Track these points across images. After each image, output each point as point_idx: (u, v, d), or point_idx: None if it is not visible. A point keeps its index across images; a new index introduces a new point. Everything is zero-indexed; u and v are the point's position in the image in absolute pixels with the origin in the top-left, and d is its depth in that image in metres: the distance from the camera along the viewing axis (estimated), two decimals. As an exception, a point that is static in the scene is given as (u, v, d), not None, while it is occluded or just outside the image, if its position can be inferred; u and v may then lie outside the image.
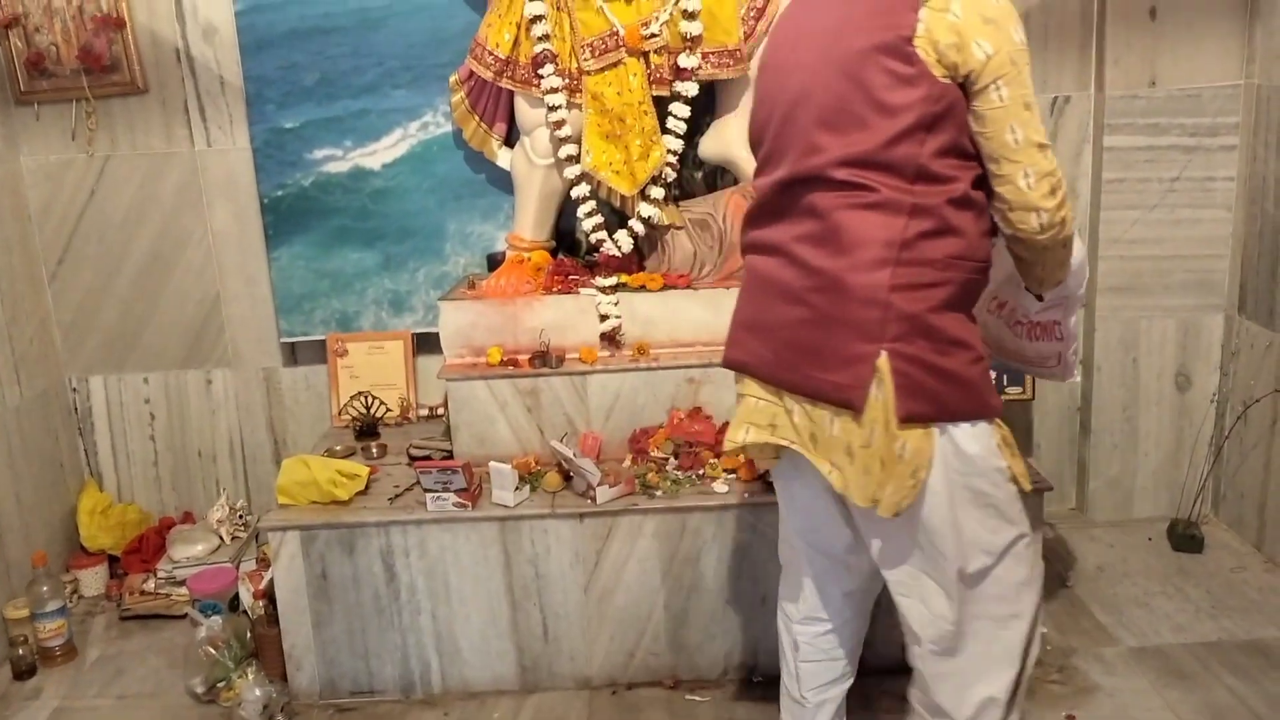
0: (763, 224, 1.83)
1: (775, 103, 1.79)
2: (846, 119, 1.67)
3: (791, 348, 1.76)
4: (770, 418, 1.84)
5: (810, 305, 1.72)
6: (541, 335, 2.76)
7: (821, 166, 1.69)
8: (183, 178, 3.10)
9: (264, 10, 2.93)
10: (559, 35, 2.72)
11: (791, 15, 1.85)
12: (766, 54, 1.88)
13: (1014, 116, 1.64)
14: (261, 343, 3.21)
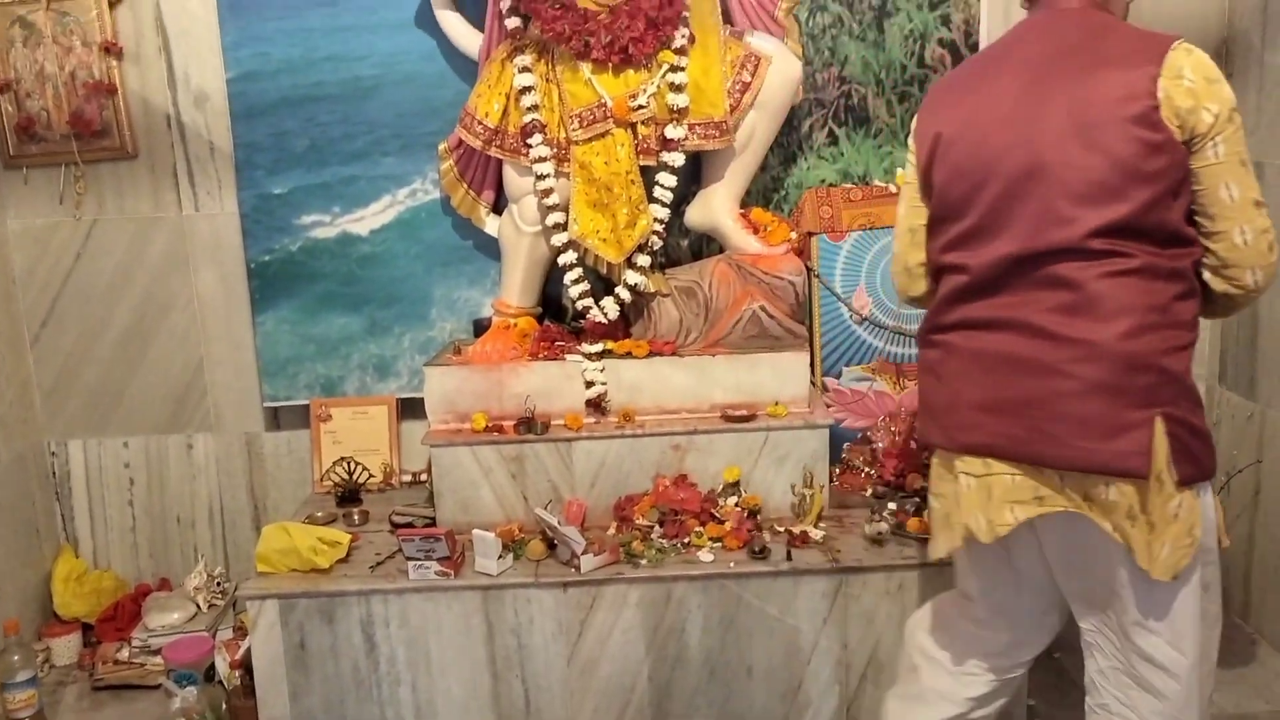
0: (980, 299, 1.83)
1: (985, 178, 1.81)
2: (1100, 190, 1.70)
3: (1054, 421, 1.74)
4: (1033, 491, 1.81)
5: (1073, 376, 1.72)
6: (527, 401, 2.76)
7: (1074, 238, 1.71)
8: (169, 242, 3.10)
9: (256, 78, 2.97)
10: (548, 106, 2.76)
11: (982, 91, 1.86)
12: (951, 131, 1.88)
13: (1230, 173, 1.69)
14: (244, 407, 3.19)
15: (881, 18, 2.95)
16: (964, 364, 1.86)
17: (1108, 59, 1.74)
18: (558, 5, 2.64)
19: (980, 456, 1.85)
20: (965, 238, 1.85)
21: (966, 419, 1.85)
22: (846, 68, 2.98)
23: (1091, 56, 1.76)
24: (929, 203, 1.97)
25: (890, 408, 2.99)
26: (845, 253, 2.97)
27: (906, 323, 2.97)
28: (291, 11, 2.94)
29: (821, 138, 3.03)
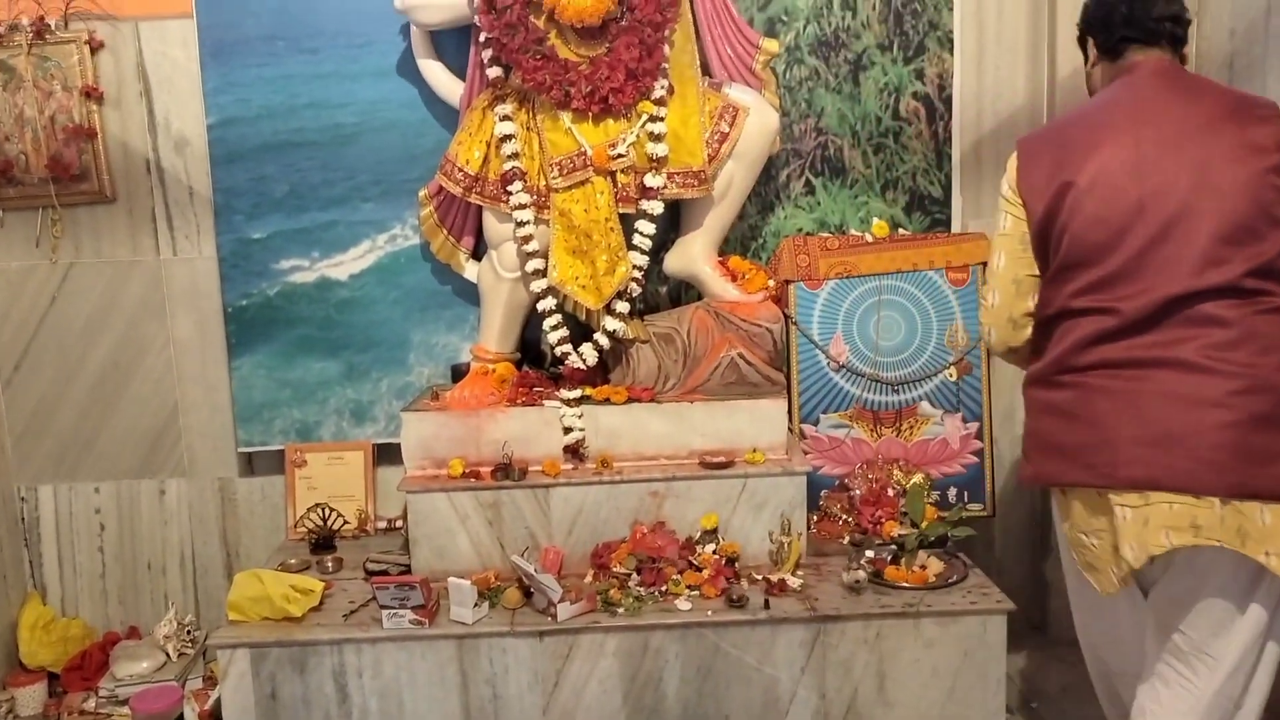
0: (1124, 339, 1.91)
1: (1128, 224, 1.91)
2: (1246, 234, 1.85)
3: (1225, 451, 1.83)
4: (1190, 519, 1.86)
5: (1234, 408, 1.83)
6: (505, 447, 2.75)
7: (1232, 278, 1.85)
8: (146, 286, 3.09)
9: (237, 124, 2.98)
10: (528, 154, 2.78)
11: (1108, 145, 1.96)
12: (1085, 182, 1.96)
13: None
14: (218, 452, 3.17)
15: (857, 71, 3.00)
16: (1116, 403, 1.92)
17: (1230, 114, 1.93)
18: (539, 55, 2.67)
19: (1141, 490, 1.90)
20: (1107, 282, 1.93)
21: (1126, 454, 1.90)
22: (823, 119, 3.03)
23: (1211, 111, 1.94)
24: (1048, 252, 2.03)
25: (868, 455, 3.00)
26: (822, 300, 2.99)
27: (883, 370, 2.99)
28: (273, 59, 2.96)
29: (799, 187, 3.07)
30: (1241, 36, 2.71)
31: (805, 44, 2.99)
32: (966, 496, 2.99)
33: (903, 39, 2.98)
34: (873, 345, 3.00)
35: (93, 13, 2.95)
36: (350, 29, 2.96)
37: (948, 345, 2.99)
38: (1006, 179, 2.11)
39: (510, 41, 2.67)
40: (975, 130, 3.04)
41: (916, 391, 3.00)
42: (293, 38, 2.97)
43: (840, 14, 2.98)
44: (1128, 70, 2.08)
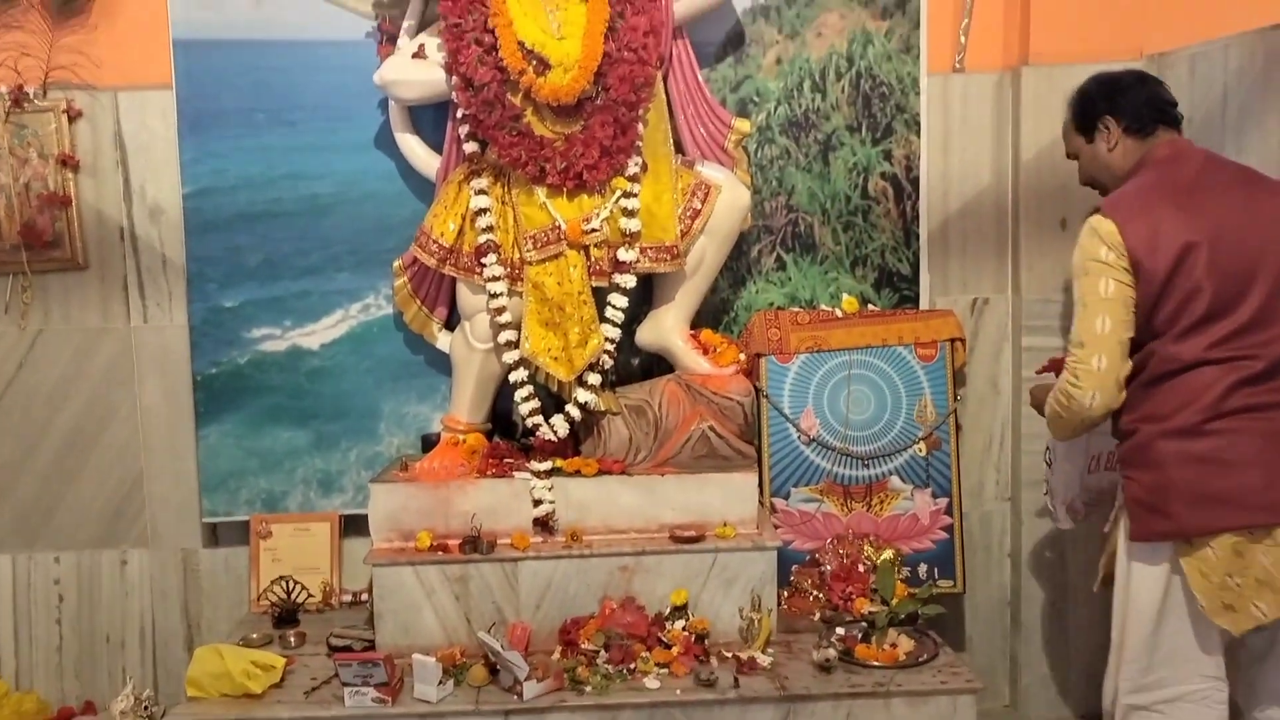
0: (1266, 383, 2.10)
1: (1252, 277, 2.11)
2: None
3: None
4: None
5: None
6: (473, 520, 2.73)
7: None
8: (115, 353, 3.07)
9: (212, 194, 2.99)
10: (502, 227, 2.81)
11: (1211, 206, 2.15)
12: (1206, 240, 2.11)
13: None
14: (182, 523, 3.12)
15: (827, 151, 3.06)
16: (1272, 444, 2.08)
17: (1264, 180, 2.25)
18: (515, 132, 2.71)
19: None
20: (1243, 331, 2.10)
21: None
22: (794, 197, 3.08)
23: (1253, 177, 2.25)
24: (1159, 311, 2.14)
25: (839, 530, 3.00)
26: (793, 374, 3.01)
27: (853, 444, 3.00)
28: (252, 130, 2.99)
29: (770, 263, 3.11)
30: (1200, 123, 2.79)
31: (776, 124, 3.05)
32: (937, 572, 2.99)
33: (871, 121, 3.05)
34: (843, 419, 3.01)
35: (72, 82, 2.98)
36: (330, 103, 2.99)
37: (917, 420, 3.01)
38: (1104, 244, 2.16)
39: (487, 118, 2.71)
40: (942, 210, 3.10)
41: (886, 466, 3.01)
42: (272, 110, 3.00)
43: (810, 96, 3.05)
44: (1166, 146, 2.27)
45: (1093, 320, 2.16)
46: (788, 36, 3.03)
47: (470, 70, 2.67)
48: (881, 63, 3.03)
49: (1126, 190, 2.27)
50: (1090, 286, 2.17)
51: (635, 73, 2.69)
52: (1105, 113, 2.33)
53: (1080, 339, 2.17)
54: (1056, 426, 2.30)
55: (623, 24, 2.69)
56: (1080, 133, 2.39)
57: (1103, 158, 2.35)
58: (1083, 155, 2.41)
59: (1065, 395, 2.20)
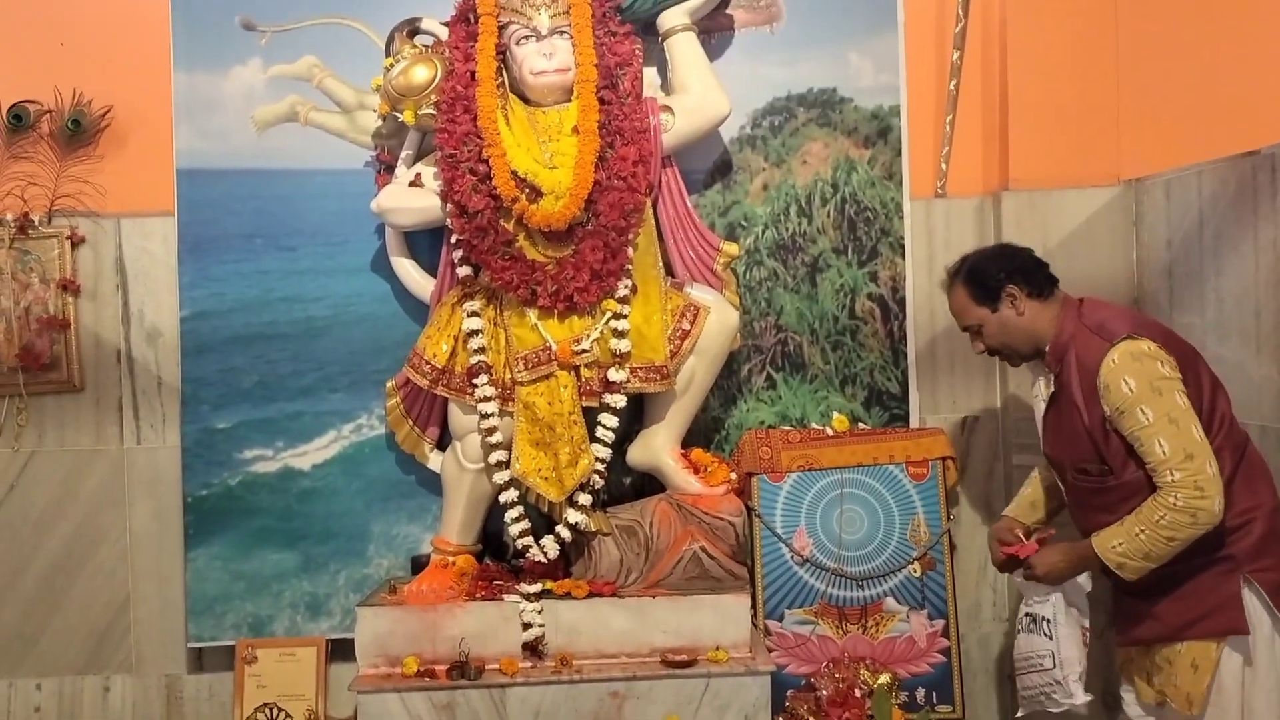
0: None
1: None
2: None
3: None
4: None
5: None
6: (461, 644, 2.68)
7: None
8: (107, 475, 3.08)
9: (210, 317, 3.04)
10: (494, 348, 2.85)
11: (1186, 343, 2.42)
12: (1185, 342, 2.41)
13: None
14: (167, 647, 3.07)
15: (814, 273, 3.12)
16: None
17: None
18: (507, 257, 2.77)
19: None
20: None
21: None
22: (783, 317, 3.13)
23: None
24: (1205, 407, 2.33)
25: (834, 653, 2.94)
26: (785, 493, 3.01)
27: (848, 565, 2.97)
28: (251, 255, 3.06)
29: (760, 381, 3.14)
30: (1179, 246, 2.86)
31: (764, 247, 3.12)
32: (935, 697, 2.93)
33: (856, 244, 3.12)
34: (836, 539, 3.00)
35: (76, 210, 3.06)
36: (328, 228, 3.07)
37: (910, 540, 2.99)
38: (1158, 360, 2.28)
39: (480, 244, 2.77)
40: (929, 330, 3.14)
41: (881, 587, 2.98)
42: (271, 236, 3.07)
43: (797, 220, 3.12)
44: (1065, 301, 2.46)
45: (1190, 430, 2.24)
46: (774, 164, 3.12)
47: (464, 198, 2.74)
48: (865, 189, 3.11)
49: (1114, 315, 2.41)
50: (1171, 403, 2.25)
51: (625, 199, 2.76)
52: (1007, 281, 2.45)
53: (1188, 451, 2.22)
54: (1174, 546, 2.24)
55: (613, 154, 2.77)
56: (983, 304, 2.49)
57: (1014, 323, 2.46)
58: (988, 325, 2.50)
59: (1191, 512, 2.20)
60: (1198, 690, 2.29)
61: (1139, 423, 2.26)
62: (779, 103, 3.11)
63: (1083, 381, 2.36)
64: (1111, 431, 2.33)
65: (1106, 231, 3.04)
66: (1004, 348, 2.53)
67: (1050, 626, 2.51)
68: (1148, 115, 3.03)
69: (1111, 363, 2.29)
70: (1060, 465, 2.51)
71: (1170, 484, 2.21)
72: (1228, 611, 2.28)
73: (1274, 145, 2.48)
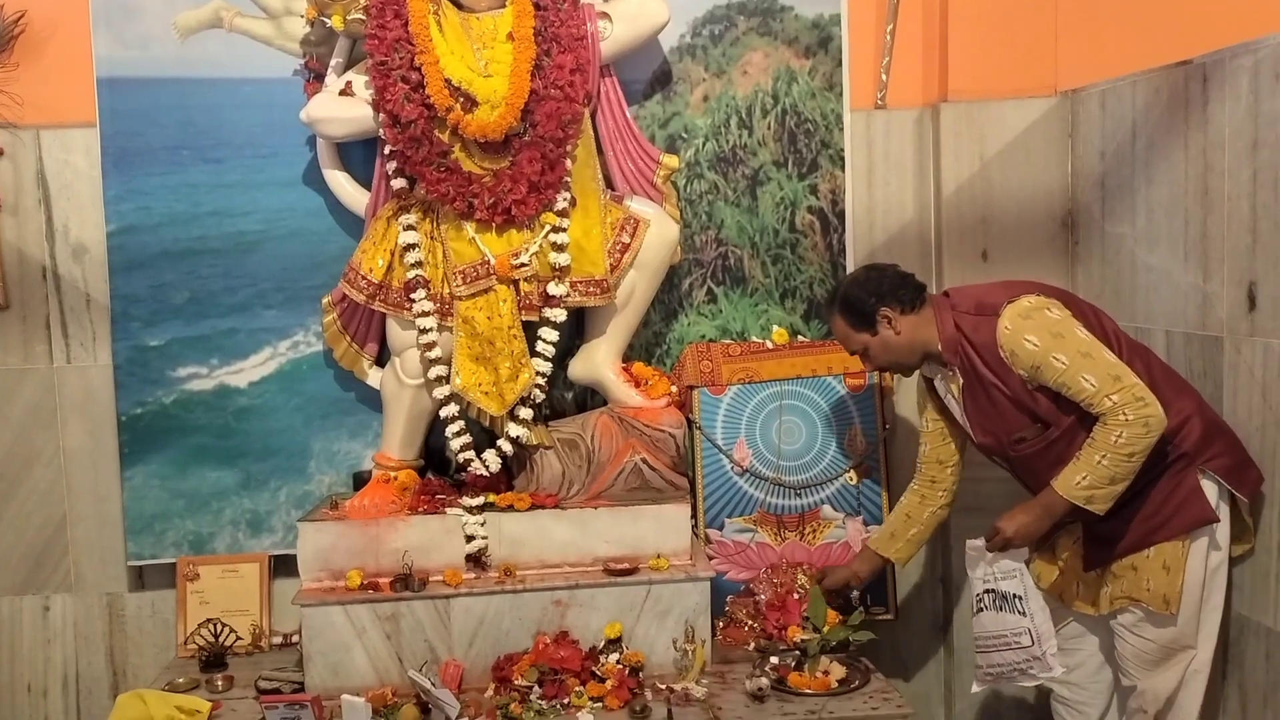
0: None
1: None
2: None
3: None
4: None
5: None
6: (405, 557, 2.70)
7: None
8: (37, 395, 3.01)
9: (137, 232, 2.96)
10: (431, 262, 2.81)
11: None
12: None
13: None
14: (107, 566, 3.06)
15: (754, 186, 3.11)
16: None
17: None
18: (443, 168, 2.72)
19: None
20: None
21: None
22: (723, 231, 3.12)
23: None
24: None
25: (772, 559, 3.01)
26: (725, 405, 3.04)
27: (786, 474, 3.03)
28: (177, 168, 2.97)
29: (701, 296, 3.14)
30: (1111, 157, 2.89)
31: (705, 160, 3.10)
32: (869, 600, 3.01)
33: (797, 156, 3.11)
34: (775, 450, 3.04)
35: (-8, 121, 2.95)
36: (256, 140, 2.99)
37: (847, 450, 3.05)
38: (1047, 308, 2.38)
39: (415, 154, 2.72)
40: (868, 242, 3.16)
41: (818, 495, 3.04)
42: (198, 148, 2.98)
43: (737, 132, 3.10)
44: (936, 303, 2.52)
45: (1104, 355, 2.31)
46: (714, 74, 3.08)
47: (397, 107, 2.68)
48: (806, 100, 3.09)
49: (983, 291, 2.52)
50: (1075, 339, 2.32)
51: (562, 109, 2.72)
52: (879, 305, 2.50)
53: (1113, 374, 2.28)
54: (1136, 461, 2.27)
55: (549, 62, 2.72)
56: (861, 330, 2.54)
57: (894, 341, 2.51)
58: (872, 348, 2.55)
59: (1143, 421, 2.24)
60: (1173, 590, 2.35)
61: (1057, 370, 2.31)
62: (719, 10, 3.06)
63: (987, 360, 2.41)
64: (1035, 391, 2.38)
65: (1042, 143, 3.05)
66: (893, 365, 2.59)
67: (1022, 603, 2.45)
68: (1085, 26, 3.03)
69: (1005, 330, 2.36)
70: (997, 449, 2.53)
71: (1112, 406, 2.25)
72: (1195, 504, 2.35)
73: (1206, 54, 2.49)
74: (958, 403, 2.55)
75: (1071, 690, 2.62)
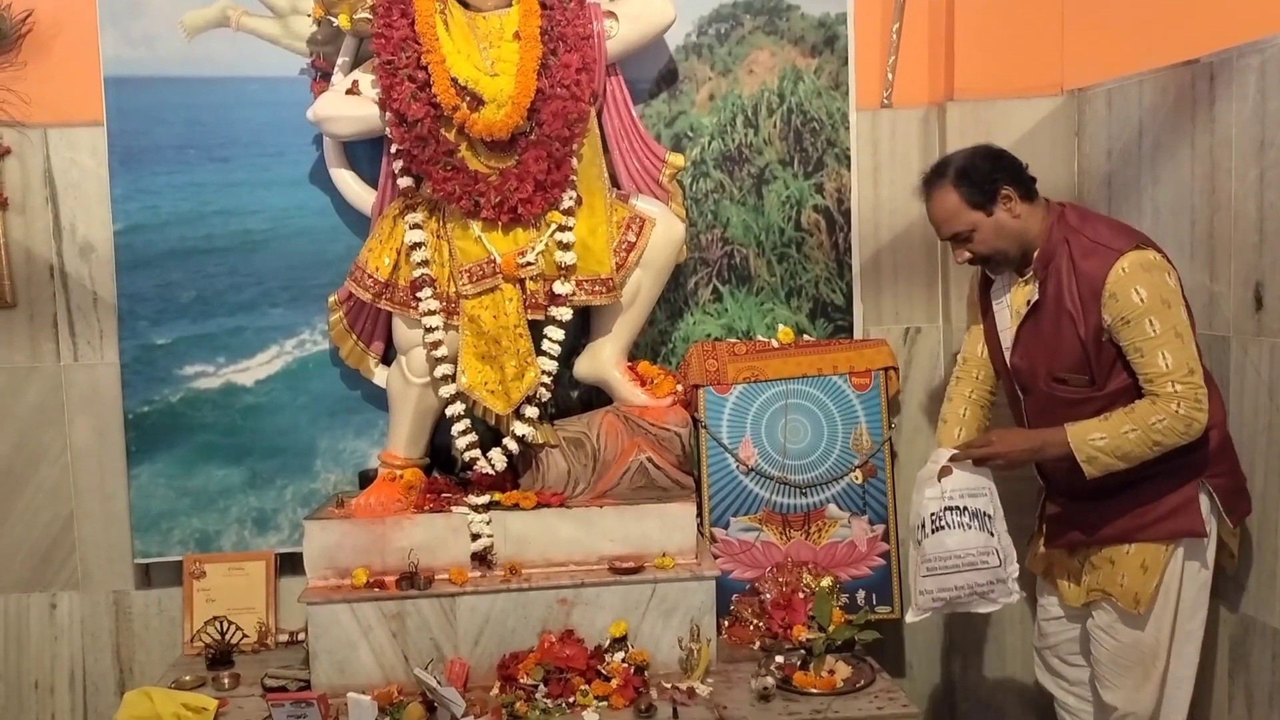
0: None
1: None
2: None
3: None
4: None
5: None
6: (410, 555, 2.71)
7: None
8: (44, 393, 3.02)
9: (144, 230, 2.97)
10: (438, 261, 2.82)
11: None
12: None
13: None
14: (114, 564, 3.07)
15: (760, 184, 3.11)
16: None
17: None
18: (449, 167, 2.72)
19: None
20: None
21: None
22: (729, 230, 3.12)
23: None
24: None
25: (777, 558, 3.01)
26: (731, 404, 3.04)
27: (792, 473, 3.03)
28: (183, 166, 2.98)
29: (706, 294, 3.14)
30: (1118, 156, 2.89)
31: (710, 158, 3.10)
32: (875, 599, 3.02)
33: (802, 155, 3.11)
34: (780, 449, 3.04)
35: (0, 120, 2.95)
36: (263, 139, 2.99)
37: (853, 448, 3.05)
38: (1167, 273, 2.27)
39: (421, 153, 2.72)
40: (874, 242, 3.16)
41: (824, 494, 3.04)
42: (205, 146, 2.99)
43: (743, 131, 3.10)
44: (1057, 204, 2.42)
45: (1191, 346, 2.26)
46: (720, 73, 3.08)
47: (404, 106, 2.68)
48: (811, 99, 3.09)
49: (1109, 224, 2.40)
50: (1178, 316, 2.25)
51: (568, 108, 2.72)
52: (1004, 183, 2.36)
53: (1190, 366, 2.24)
54: (1156, 452, 2.25)
55: (555, 61, 2.72)
56: (978, 208, 2.37)
57: (1010, 226, 2.37)
58: (982, 230, 2.38)
59: (1188, 421, 2.22)
60: (1146, 590, 2.33)
61: (1145, 334, 2.24)
62: (725, 9, 3.06)
63: (1082, 289, 2.30)
64: (1106, 341, 2.30)
65: (1049, 142, 3.05)
66: (995, 253, 2.41)
67: (991, 522, 2.39)
68: (1091, 25, 3.02)
69: (1121, 271, 2.25)
70: (1030, 375, 2.44)
71: (1171, 394, 2.22)
72: (1187, 514, 2.32)
73: (1213, 54, 2.49)
74: (1014, 313, 2.44)
75: (1078, 700, 2.61)
